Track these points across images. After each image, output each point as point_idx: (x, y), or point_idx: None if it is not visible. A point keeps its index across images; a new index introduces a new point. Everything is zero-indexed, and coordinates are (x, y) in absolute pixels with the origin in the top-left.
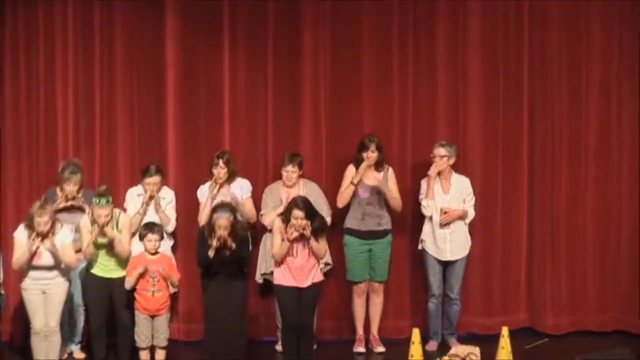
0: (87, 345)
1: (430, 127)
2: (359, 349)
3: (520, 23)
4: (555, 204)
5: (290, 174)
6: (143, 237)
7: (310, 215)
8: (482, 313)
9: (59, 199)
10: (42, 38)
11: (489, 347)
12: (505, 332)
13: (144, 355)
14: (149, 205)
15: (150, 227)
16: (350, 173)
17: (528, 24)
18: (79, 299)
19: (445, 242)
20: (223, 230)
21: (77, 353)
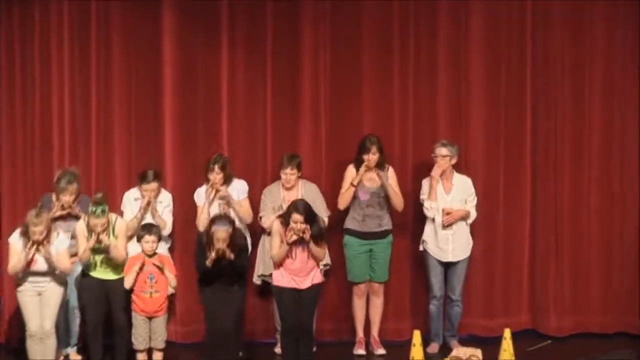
0: (83, 348)
1: (432, 127)
2: (359, 352)
3: (523, 22)
4: (559, 205)
5: (289, 176)
6: (140, 238)
7: (310, 220)
8: (484, 315)
9: (55, 208)
10: (37, 37)
11: (491, 349)
12: (508, 334)
13: (141, 357)
14: (147, 212)
15: (148, 228)
16: (350, 174)
17: (531, 24)
18: (75, 302)
19: (448, 243)
20: (222, 243)
21: (73, 355)
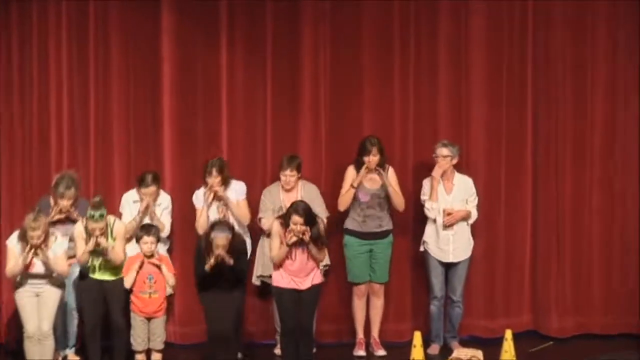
0: (81, 349)
1: (432, 127)
2: (360, 353)
3: (524, 22)
4: (560, 205)
5: (289, 178)
6: (139, 239)
7: (310, 222)
8: (485, 315)
9: (53, 212)
10: (35, 36)
11: (492, 350)
12: (509, 335)
13: (140, 358)
14: (145, 215)
15: (147, 229)
16: (351, 175)
17: (532, 23)
18: (73, 303)
19: (448, 243)
20: (221, 250)
21: (71, 356)
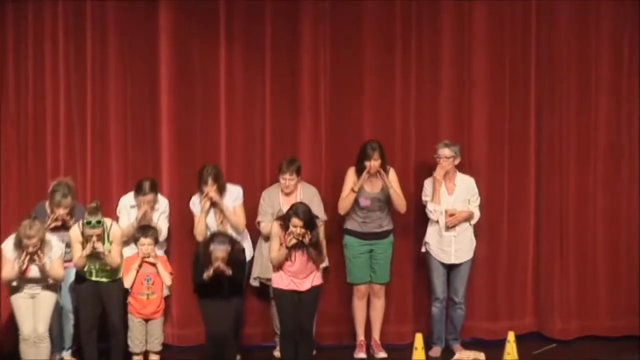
0: (77, 351)
1: (434, 126)
2: (360, 355)
3: (528, 18)
4: (564, 205)
5: (288, 182)
6: (136, 240)
7: (310, 226)
8: (487, 317)
9: (50, 221)
10: (31, 36)
11: (495, 352)
12: (512, 337)
13: None
14: (143, 222)
15: (144, 231)
16: (351, 177)
17: (535, 21)
18: (69, 305)
19: (451, 245)
20: (220, 262)
21: (67, 358)
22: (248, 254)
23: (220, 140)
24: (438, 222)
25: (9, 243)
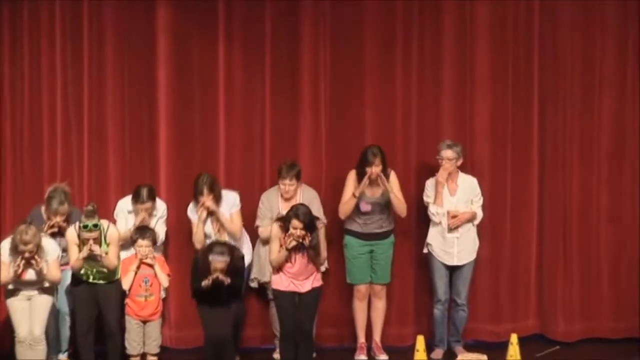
0: (74, 354)
1: (436, 126)
2: (361, 357)
3: (531, 17)
4: (567, 205)
5: (288, 187)
6: (134, 242)
7: (310, 228)
8: (490, 319)
9: (46, 227)
10: (26, 35)
11: (497, 355)
12: (514, 339)
13: None
14: None
15: (142, 232)
16: (352, 180)
17: (539, 18)
18: (65, 307)
19: (453, 246)
20: (219, 272)
21: None
22: (247, 259)
23: (220, 141)
24: (441, 223)
25: (5, 247)
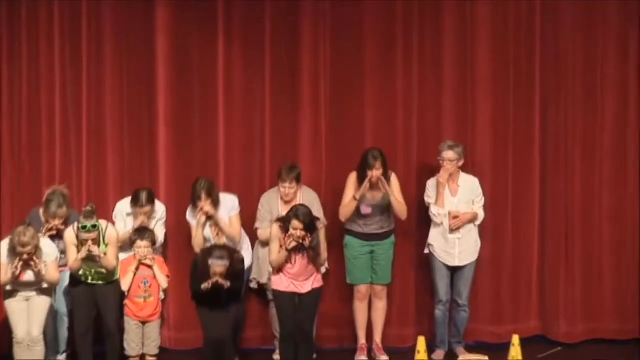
0: (72, 355)
1: (437, 126)
2: (361, 358)
3: (532, 16)
4: (569, 205)
5: (288, 190)
6: (133, 243)
7: (310, 229)
8: (491, 320)
9: (44, 230)
10: (25, 35)
11: (499, 356)
12: (516, 340)
13: None
14: None
15: (141, 233)
16: (352, 182)
17: (540, 17)
18: (63, 308)
19: (455, 247)
20: (219, 276)
21: None
22: (247, 261)
23: (219, 141)
24: (442, 224)
25: (3, 248)
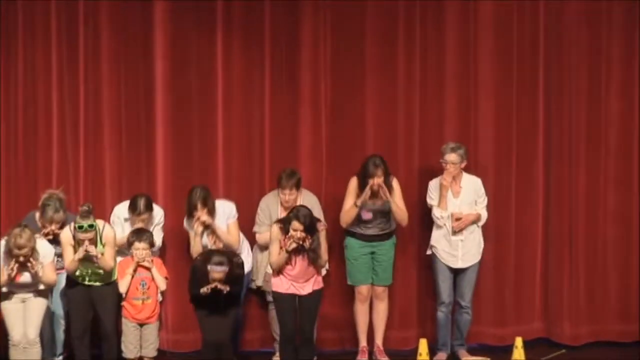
0: (69, 357)
1: (439, 125)
2: None
3: (536, 13)
4: (573, 206)
5: (288, 197)
6: (130, 244)
7: (311, 230)
8: (494, 322)
9: (40, 234)
10: (21, 30)
11: (502, 359)
12: (519, 343)
13: None
14: None
15: (139, 234)
16: (353, 188)
17: (544, 15)
18: (59, 310)
19: (458, 249)
20: (218, 281)
21: None
22: (247, 267)
23: (218, 140)
24: (445, 226)
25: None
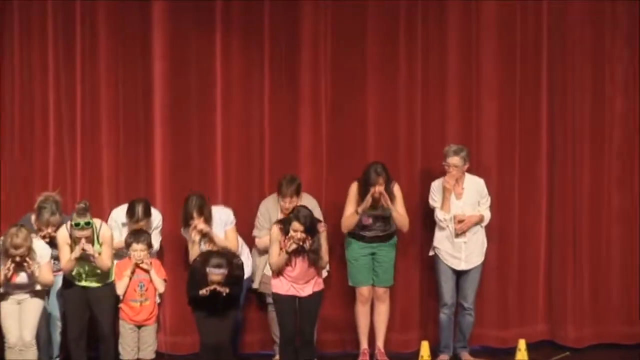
0: (66, 359)
1: (441, 126)
2: None
3: (539, 13)
4: (577, 206)
5: (288, 204)
6: (128, 246)
7: (311, 231)
8: (497, 325)
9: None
10: (17, 29)
11: None
12: (523, 345)
13: None
14: None
15: (137, 235)
16: (354, 193)
17: (547, 15)
18: (56, 312)
19: (461, 251)
20: (217, 284)
21: None
22: (247, 271)
23: (217, 141)
24: (448, 228)
25: None
